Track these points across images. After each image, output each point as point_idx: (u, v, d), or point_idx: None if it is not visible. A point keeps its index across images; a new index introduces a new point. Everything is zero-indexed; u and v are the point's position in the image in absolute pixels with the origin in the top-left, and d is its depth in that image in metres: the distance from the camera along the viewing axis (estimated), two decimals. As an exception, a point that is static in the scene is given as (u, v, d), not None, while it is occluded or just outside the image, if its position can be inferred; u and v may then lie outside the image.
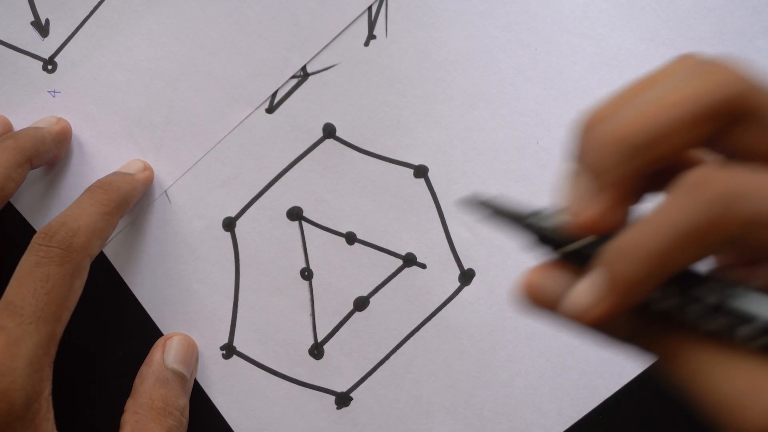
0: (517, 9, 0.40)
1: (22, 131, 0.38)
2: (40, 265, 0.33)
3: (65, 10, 0.41)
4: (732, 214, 0.22)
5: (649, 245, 0.23)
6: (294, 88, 0.41)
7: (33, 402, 0.32)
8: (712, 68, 0.24)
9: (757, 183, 0.22)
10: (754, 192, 0.22)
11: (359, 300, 0.40)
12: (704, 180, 0.23)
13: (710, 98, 0.24)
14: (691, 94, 0.24)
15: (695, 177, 0.23)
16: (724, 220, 0.22)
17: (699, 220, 0.22)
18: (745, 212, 0.22)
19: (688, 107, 0.24)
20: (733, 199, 0.22)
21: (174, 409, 0.38)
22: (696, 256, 0.23)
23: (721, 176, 0.22)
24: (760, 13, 0.39)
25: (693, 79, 0.24)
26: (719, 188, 0.22)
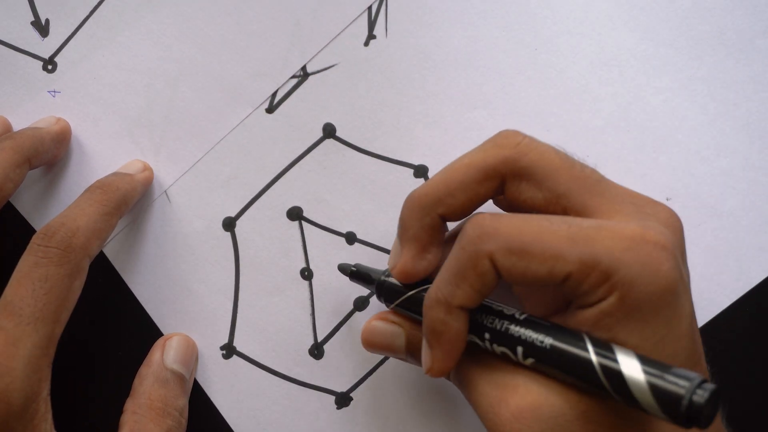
0: (517, 9, 0.40)
1: (21, 131, 0.38)
2: (39, 265, 0.33)
3: (65, 10, 0.41)
4: (480, 251, 0.29)
5: (437, 293, 0.30)
6: (294, 88, 0.41)
7: (31, 402, 0.32)
8: (494, 140, 0.32)
9: (496, 225, 0.29)
10: (494, 233, 0.28)
11: (359, 300, 0.40)
12: (464, 229, 0.30)
13: (482, 165, 0.32)
14: (470, 162, 0.32)
15: (462, 231, 0.30)
16: (476, 257, 0.29)
17: (462, 261, 0.29)
18: (487, 248, 0.28)
19: (468, 171, 0.32)
20: (477, 242, 0.29)
21: (173, 410, 0.38)
22: (476, 290, 0.29)
23: (471, 225, 0.29)
24: (760, 13, 0.39)
25: (478, 150, 0.32)
26: (469, 234, 0.29)
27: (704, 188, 0.39)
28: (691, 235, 0.39)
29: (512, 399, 0.29)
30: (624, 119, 0.39)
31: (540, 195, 0.31)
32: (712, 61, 0.39)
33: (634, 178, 0.39)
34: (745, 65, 0.39)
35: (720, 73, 0.39)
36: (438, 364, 0.31)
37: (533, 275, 0.28)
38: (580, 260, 0.27)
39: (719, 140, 0.39)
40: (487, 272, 0.29)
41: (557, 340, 0.29)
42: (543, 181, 0.31)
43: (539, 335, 0.29)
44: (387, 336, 0.35)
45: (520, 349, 0.30)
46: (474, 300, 0.30)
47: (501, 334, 0.30)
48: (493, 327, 0.31)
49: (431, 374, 0.31)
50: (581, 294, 0.28)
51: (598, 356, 0.28)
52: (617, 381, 0.27)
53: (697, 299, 0.39)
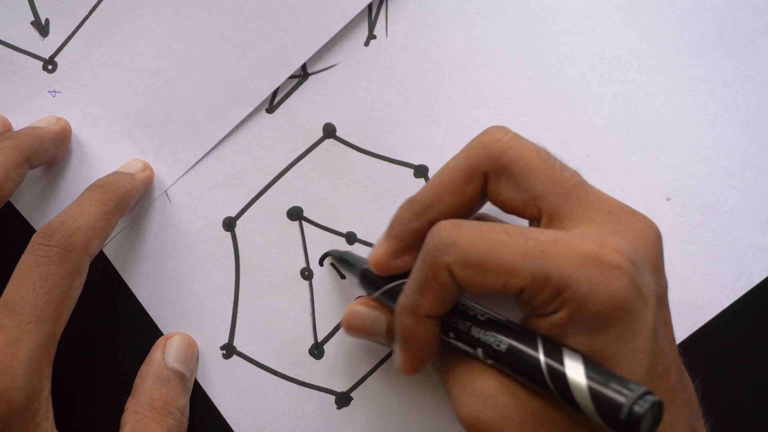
0: (517, 9, 0.40)
1: (21, 131, 0.38)
2: (40, 264, 0.33)
3: (65, 10, 0.41)
4: (439, 263, 0.29)
5: (405, 300, 0.31)
6: (294, 88, 0.41)
7: (32, 401, 0.32)
8: (477, 138, 0.32)
9: (454, 237, 0.29)
10: (451, 244, 0.29)
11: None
12: (426, 239, 0.30)
13: (466, 165, 0.32)
14: (456, 164, 0.33)
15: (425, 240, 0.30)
16: (435, 268, 0.29)
17: (424, 271, 0.30)
18: (445, 260, 0.29)
19: (453, 174, 0.32)
20: (436, 253, 0.29)
21: (174, 409, 0.38)
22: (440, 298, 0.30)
23: (431, 235, 0.30)
24: (760, 13, 0.39)
25: (463, 151, 0.33)
26: (429, 245, 0.30)
27: (704, 188, 0.39)
28: (692, 235, 0.39)
29: (477, 385, 0.30)
30: (624, 119, 0.39)
31: (518, 195, 0.32)
32: (712, 61, 0.39)
33: (634, 178, 0.39)
34: (745, 65, 0.39)
35: (720, 73, 0.39)
36: (407, 366, 0.32)
37: (489, 287, 0.29)
38: (532, 275, 0.28)
39: (719, 140, 0.39)
40: (447, 282, 0.29)
41: (513, 342, 0.29)
42: (521, 181, 0.31)
43: (497, 338, 0.30)
44: (368, 321, 0.36)
45: (480, 351, 0.31)
46: (440, 308, 0.31)
47: (464, 335, 0.31)
48: (456, 327, 0.32)
49: (403, 372, 0.33)
50: (535, 306, 0.29)
51: (546, 357, 0.28)
52: (561, 384, 0.28)
53: (697, 299, 0.40)
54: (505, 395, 0.29)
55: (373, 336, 0.36)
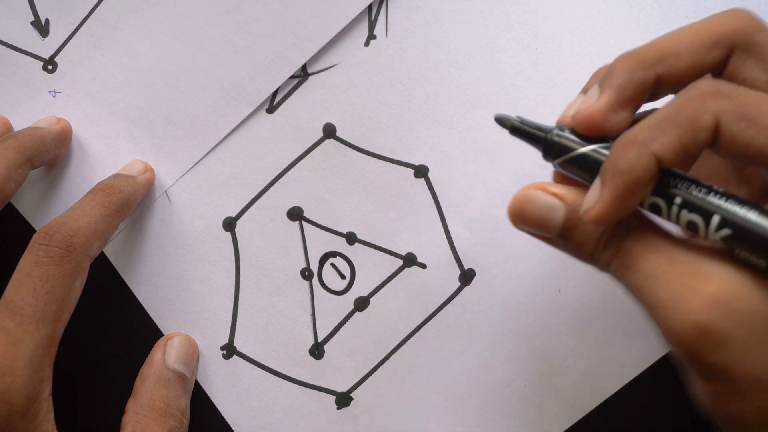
0: (517, 9, 0.40)
1: (23, 131, 0.38)
2: (40, 264, 0.33)
3: (65, 10, 0.41)
4: (708, 106, 0.26)
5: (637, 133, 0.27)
6: (294, 88, 0.41)
7: (33, 402, 0.32)
8: (727, 12, 0.29)
9: (733, 89, 0.26)
10: (730, 94, 0.26)
11: (359, 300, 0.40)
12: (694, 84, 0.27)
13: (714, 30, 0.29)
14: (700, 26, 0.29)
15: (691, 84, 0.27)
16: (700, 109, 0.26)
17: (682, 109, 0.26)
18: (717, 106, 0.26)
19: (698, 34, 0.29)
20: (708, 96, 0.26)
21: (175, 410, 0.38)
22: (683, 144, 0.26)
23: (704, 81, 0.27)
24: (760, 13, 0.39)
25: (708, 18, 0.29)
26: (702, 87, 0.27)
27: (704, 188, 0.39)
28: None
29: (707, 287, 0.26)
30: (624, 119, 0.39)
31: (764, 77, 0.28)
32: (712, 61, 0.39)
33: (634, 178, 0.39)
34: None
35: (720, 73, 0.39)
36: (602, 207, 0.27)
37: (756, 148, 0.26)
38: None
39: (719, 140, 0.39)
40: (704, 129, 0.26)
41: (761, 215, 0.26)
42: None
43: (741, 207, 0.26)
44: (544, 208, 0.29)
45: (716, 219, 0.26)
46: (675, 155, 0.26)
47: (697, 200, 0.27)
48: (688, 192, 0.27)
49: (588, 216, 0.27)
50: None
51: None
52: None
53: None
54: (740, 300, 0.25)
55: (545, 228, 0.30)
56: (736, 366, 0.25)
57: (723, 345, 0.25)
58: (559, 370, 0.40)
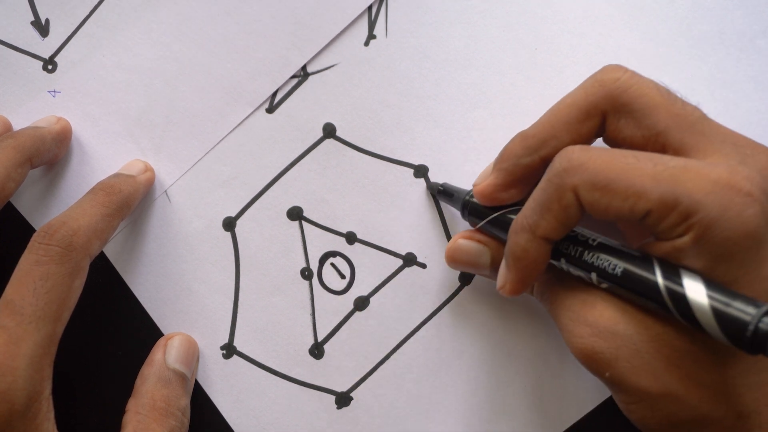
0: (517, 9, 0.40)
1: (22, 131, 0.38)
2: (40, 263, 0.33)
3: (65, 10, 0.41)
4: (565, 184, 0.29)
5: (523, 220, 0.31)
6: (294, 88, 0.41)
7: (34, 402, 0.32)
8: (595, 77, 0.31)
9: (583, 159, 0.29)
10: (579, 167, 0.29)
11: (359, 300, 0.40)
12: (553, 161, 0.30)
13: (584, 102, 0.31)
14: (572, 101, 0.32)
15: (551, 163, 0.30)
16: (561, 189, 0.29)
17: (548, 192, 0.30)
18: (572, 182, 0.29)
19: (570, 110, 0.32)
20: (563, 174, 0.29)
21: (176, 410, 0.38)
22: (560, 221, 0.30)
23: (559, 158, 0.30)
24: (760, 13, 0.39)
25: (579, 89, 0.32)
26: (556, 167, 0.30)
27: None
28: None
29: (590, 315, 0.30)
30: (624, 119, 0.39)
31: (639, 132, 0.31)
32: (712, 61, 0.39)
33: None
34: (745, 65, 0.39)
35: (720, 73, 0.39)
36: (511, 286, 0.32)
37: (615, 211, 0.29)
38: (661, 199, 0.28)
39: (719, 140, 0.39)
40: (570, 205, 0.29)
41: (628, 265, 0.29)
42: (642, 118, 0.31)
43: (611, 262, 0.30)
44: (472, 254, 0.37)
45: (594, 275, 0.31)
46: (557, 231, 0.31)
47: (576, 260, 0.31)
48: (568, 252, 0.32)
49: (503, 293, 0.33)
50: (659, 230, 0.29)
51: (664, 279, 0.28)
52: (682, 305, 0.28)
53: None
54: (619, 324, 0.29)
55: (477, 269, 0.37)
56: (626, 380, 0.29)
57: (610, 364, 0.29)
58: (559, 370, 0.40)
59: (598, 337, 0.29)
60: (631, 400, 0.30)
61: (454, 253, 0.37)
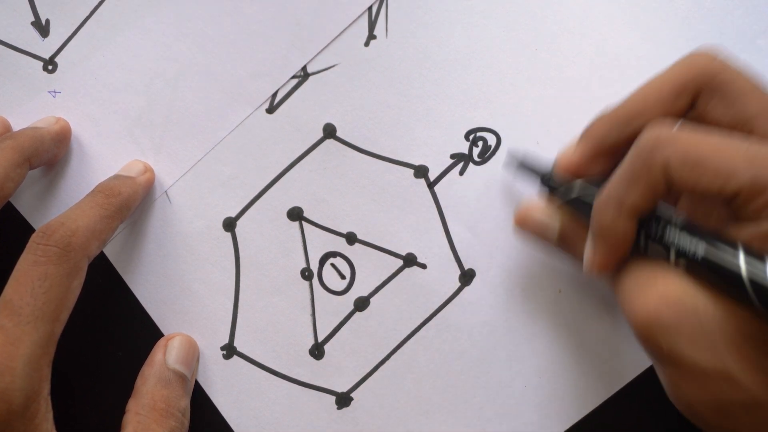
0: (518, 9, 0.40)
1: (21, 131, 0.38)
2: (38, 264, 0.33)
3: (65, 10, 0.41)
4: (655, 157, 0.29)
5: (610, 194, 0.31)
6: (294, 88, 0.41)
7: (32, 402, 0.32)
8: (690, 56, 0.32)
9: (675, 134, 0.29)
10: (671, 141, 0.29)
11: (359, 300, 0.40)
12: (642, 134, 0.30)
13: (678, 79, 0.32)
14: (666, 77, 0.32)
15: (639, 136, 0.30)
16: (650, 162, 0.29)
17: (635, 166, 0.30)
18: (663, 156, 0.29)
19: (663, 86, 0.32)
20: (653, 148, 0.29)
21: (176, 410, 0.38)
22: (647, 196, 0.30)
23: (649, 131, 0.30)
24: (760, 13, 0.39)
25: (673, 66, 0.32)
26: (646, 139, 0.30)
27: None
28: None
29: (661, 284, 0.30)
30: (624, 119, 0.39)
31: (728, 115, 0.31)
32: (712, 61, 0.39)
33: (634, 178, 0.39)
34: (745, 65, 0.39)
35: (720, 73, 0.39)
36: (599, 263, 0.32)
37: (703, 188, 0.28)
38: (752, 180, 0.27)
39: (719, 140, 0.39)
40: (658, 179, 0.29)
41: (710, 247, 0.29)
42: (734, 101, 0.31)
43: (693, 242, 0.29)
44: (544, 220, 0.36)
45: (673, 253, 0.30)
46: (645, 205, 0.30)
47: (657, 237, 0.31)
48: (650, 227, 0.31)
49: (591, 273, 0.32)
50: (746, 213, 0.28)
51: (748, 267, 0.28)
52: (762, 291, 0.27)
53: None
54: (687, 296, 0.29)
55: (545, 235, 0.36)
56: (683, 353, 0.29)
57: (670, 334, 0.29)
58: (559, 370, 0.40)
59: (664, 305, 0.29)
60: (683, 376, 0.29)
61: (525, 212, 0.36)
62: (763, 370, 0.28)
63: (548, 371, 0.40)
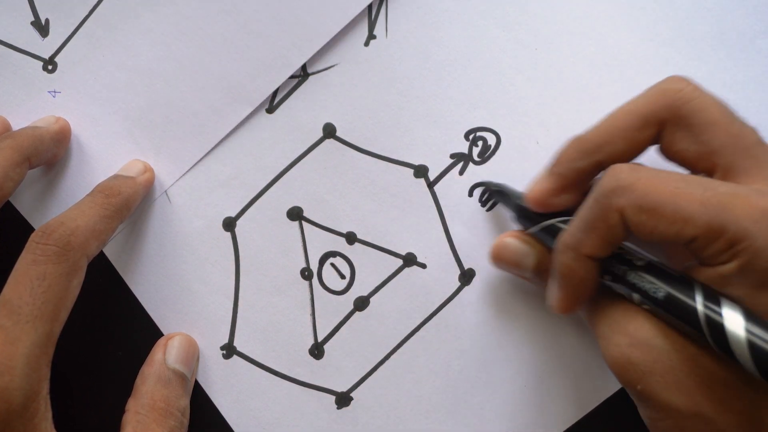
0: (517, 9, 0.40)
1: (21, 131, 0.38)
2: (37, 263, 0.33)
3: (65, 10, 0.41)
4: (612, 204, 0.29)
5: (569, 238, 0.31)
6: (294, 88, 0.41)
7: (31, 401, 0.32)
8: (659, 86, 0.31)
9: (631, 180, 0.29)
10: (628, 187, 0.29)
11: (359, 300, 0.40)
12: (601, 180, 0.30)
13: (644, 110, 0.31)
14: (632, 108, 0.32)
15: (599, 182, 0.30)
16: (607, 209, 0.29)
17: (594, 211, 0.30)
18: (619, 203, 0.29)
19: (628, 117, 0.32)
20: (610, 195, 0.29)
21: (176, 410, 0.38)
22: (604, 242, 0.30)
23: (607, 177, 0.29)
24: (760, 13, 0.39)
25: (640, 96, 0.32)
26: (604, 186, 0.29)
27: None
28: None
29: (630, 326, 0.30)
30: (624, 119, 0.39)
31: (693, 147, 0.31)
32: (712, 61, 0.39)
33: (634, 178, 0.39)
34: (745, 65, 0.39)
35: (720, 73, 0.39)
36: (561, 304, 0.32)
37: (661, 234, 0.29)
38: (708, 225, 0.28)
39: (719, 140, 0.39)
40: (616, 225, 0.29)
41: (670, 289, 0.29)
42: (699, 134, 0.31)
43: (654, 284, 0.30)
44: (517, 254, 0.36)
45: (636, 296, 0.30)
46: (603, 250, 0.30)
47: (620, 279, 0.31)
48: (613, 270, 0.31)
49: (554, 311, 0.33)
50: (704, 256, 0.29)
51: (705, 308, 0.28)
52: (719, 334, 0.28)
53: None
54: (657, 339, 0.29)
55: (519, 270, 0.37)
56: (658, 395, 0.29)
57: (644, 376, 0.29)
58: (559, 370, 0.40)
59: (635, 348, 0.29)
60: (659, 416, 0.30)
61: (499, 249, 0.37)
62: (736, 411, 0.29)
63: (548, 371, 0.40)
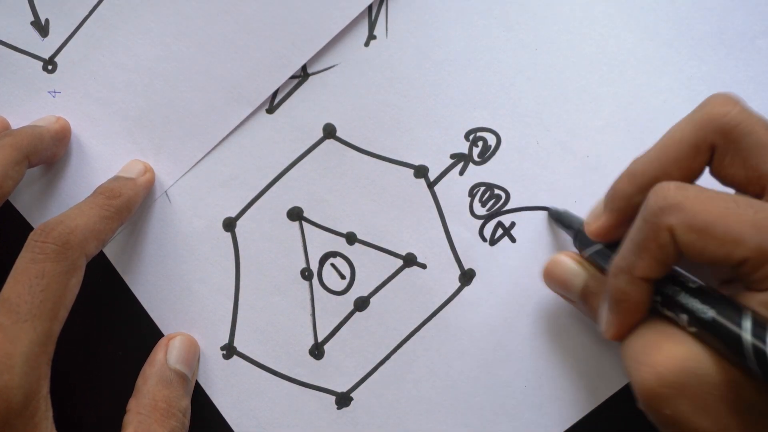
0: (517, 9, 0.40)
1: (20, 129, 0.38)
2: (36, 261, 0.33)
3: (65, 10, 0.41)
4: (661, 224, 0.29)
5: (621, 261, 0.31)
6: (294, 89, 0.41)
7: (31, 400, 0.32)
8: (706, 106, 0.31)
9: (680, 199, 0.28)
10: (677, 207, 0.28)
11: (359, 300, 0.40)
12: (648, 199, 0.30)
13: (695, 137, 0.31)
14: (682, 135, 0.31)
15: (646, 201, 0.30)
16: (657, 228, 0.29)
17: (644, 232, 0.29)
18: (668, 222, 0.28)
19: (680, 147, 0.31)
20: (659, 214, 0.29)
21: (177, 410, 0.38)
22: (657, 262, 0.29)
23: (654, 195, 0.29)
24: (760, 13, 0.39)
25: (688, 119, 0.31)
26: (651, 205, 0.29)
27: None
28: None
29: (669, 345, 0.29)
30: (624, 119, 0.39)
31: (743, 171, 0.31)
32: (712, 61, 0.39)
33: (634, 178, 0.39)
34: (745, 65, 0.39)
35: (720, 73, 0.39)
36: (614, 330, 0.32)
37: (710, 255, 0.28)
38: (759, 248, 0.27)
39: (719, 140, 0.39)
40: (667, 245, 0.29)
41: (719, 314, 0.29)
42: (748, 157, 0.30)
43: (704, 307, 0.29)
44: (568, 273, 0.36)
45: (684, 317, 0.30)
46: (656, 271, 0.30)
47: (670, 300, 0.31)
48: (664, 291, 0.31)
49: (607, 337, 0.32)
50: (753, 280, 0.28)
51: (753, 337, 0.27)
52: (763, 362, 0.27)
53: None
54: (692, 362, 0.28)
55: (567, 290, 0.36)
56: (687, 418, 0.28)
57: (674, 396, 0.28)
58: (559, 370, 0.40)
59: (669, 366, 0.29)
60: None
61: (552, 266, 0.37)
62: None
63: (548, 371, 0.40)
